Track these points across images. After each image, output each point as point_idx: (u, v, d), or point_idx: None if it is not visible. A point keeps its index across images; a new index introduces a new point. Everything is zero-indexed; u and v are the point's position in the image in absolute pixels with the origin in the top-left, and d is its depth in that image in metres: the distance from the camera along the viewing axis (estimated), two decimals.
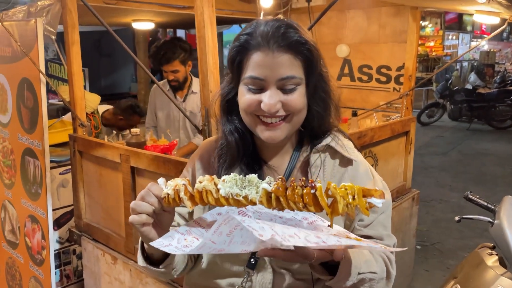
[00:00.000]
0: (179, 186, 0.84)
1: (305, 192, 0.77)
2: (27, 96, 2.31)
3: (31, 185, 2.40)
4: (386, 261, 1.02)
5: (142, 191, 0.88)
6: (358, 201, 0.76)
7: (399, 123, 2.75)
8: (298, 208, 0.78)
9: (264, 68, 0.92)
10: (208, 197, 0.83)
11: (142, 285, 1.97)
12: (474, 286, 1.56)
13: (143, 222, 0.87)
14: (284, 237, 0.73)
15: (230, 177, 0.83)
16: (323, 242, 0.74)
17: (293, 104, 0.94)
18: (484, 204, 1.71)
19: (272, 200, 0.79)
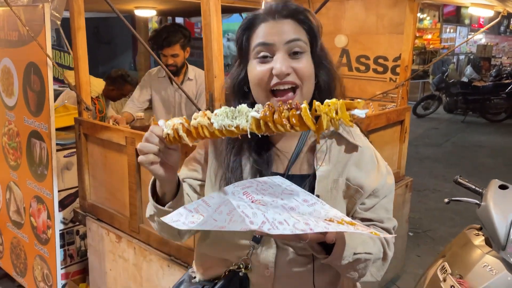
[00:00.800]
0: (177, 125, 0.91)
1: (290, 114, 0.83)
2: (34, 80, 2.37)
3: (37, 166, 2.47)
4: (384, 242, 1.07)
5: (146, 134, 0.94)
6: (341, 115, 0.80)
7: (395, 112, 2.83)
8: (286, 129, 0.83)
9: (271, 34, 0.99)
10: (204, 131, 0.90)
11: (146, 262, 2.06)
12: (461, 263, 1.66)
13: (150, 161, 0.93)
14: (274, 224, 0.78)
15: (221, 110, 0.89)
16: (310, 229, 0.78)
17: (304, 70, 0.99)
18: (472, 187, 1.81)
19: (262, 126, 0.85)
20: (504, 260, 1.60)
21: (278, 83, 0.99)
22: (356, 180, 1.06)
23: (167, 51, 2.90)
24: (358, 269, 1.00)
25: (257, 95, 1.03)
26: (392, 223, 1.11)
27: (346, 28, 3.30)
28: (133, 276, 2.16)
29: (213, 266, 1.14)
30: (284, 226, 0.78)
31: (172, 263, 1.93)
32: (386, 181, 1.10)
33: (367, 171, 1.08)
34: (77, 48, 2.30)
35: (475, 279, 1.59)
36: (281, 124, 0.83)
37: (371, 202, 1.08)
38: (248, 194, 0.95)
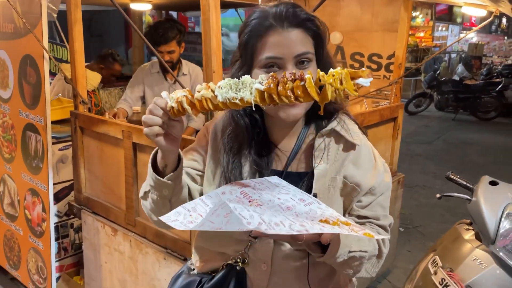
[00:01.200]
0: (181, 98, 0.92)
1: (295, 85, 0.83)
2: (30, 72, 2.36)
3: (32, 159, 2.47)
4: (379, 240, 1.09)
5: (150, 106, 0.95)
6: (346, 85, 0.80)
7: (388, 109, 2.87)
8: (290, 100, 0.84)
9: (280, 47, 0.98)
10: (208, 104, 0.90)
11: (142, 255, 2.08)
12: (451, 257, 1.71)
13: (155, 133, 0.95)
14: (270, 225, 0.80)
15: (224, 82, 0.89)
16: (306, 230, 0.80)
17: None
18: (463, 183, 1.85)
19: (266, 98, 0.85)
20: (493, 254, 1.65)
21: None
22: (353, 178, 1.07)
23: (164, 48, 2.87)
24: (353, 266, 1.03)
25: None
26: (388, 220, 1.13)
27: (341, 25, 3.33)
28: (129, 269, 2.18)
29: (211, 259, 1.16)
30: (280, 227, 0.80)
31: (168, 255, 1.95)
32: (383, 179, 1.11)
33: (365, 169, 1.09)
34: (74, 41, 2.30)
35: (465, 272, 1.64)
36: (285, 95, 0.83)
37: (367, 200, 1.09)
38: (246, 193, 0.97)
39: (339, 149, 1.08)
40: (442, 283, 1.62)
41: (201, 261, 1.19)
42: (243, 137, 1.06)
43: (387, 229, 1.13)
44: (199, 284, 1.15)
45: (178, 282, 1.20)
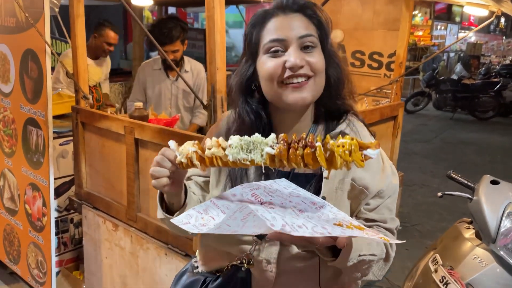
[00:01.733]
0: (191, 154, 0.92)
1: (305, 153, 0.84)
2: (31, 67, 2.36)
3: (32, 154, 2.46)
4: (387, 243, 1.08)
5: (157, 158, 0.96)
6: (353, 156, 0.82)
7: (388, 107, 2.88)
8: (298, 166, 0.85)
9: (283, 29, 1.00)
10: (218, 161, 0.91)
11: (143, 250, 2.08)
12: (452, 255, 1.72)
13: (163, 185, 0.96)
14: (293, 227, 0.79)
15: (236, 142, 0.89)
16: (328, 232, 0.80)
17: (317, 64, 1.00)
18: (464, 182, 1.86)
19: (276, 162, 0.86)
20: (494, 252, 1.66)
21: (291, 75, 0.99)
22: (361, 181, 1.06)
23: (169, 47, 2.85)
24: (362, 270, 1.02)
25: (268, 90, 1.03)
26: (395, 223, 1.12)
27: (343, 23, 3.33)
28: (130, 265, 2.19)
29: (215, 258, 1.16)
30: (304, 230, 0.80)
31: (169, 251, 1.95)
32: (391, 181, 1.10)
33: (373, 172, 1.08)
34: (76, 36, 2.30)
35: (465, 270, 1.65)
36: (295, 162, 0.85)
37: (375, 203, 1.08)
38: (257, 196, 0.97)
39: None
40: (443, 281, 1.64)
41: (206, 260, 1.19)
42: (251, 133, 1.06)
43: (394, 232, 1.13)
44: (203, 283, 1.14)
45: (182, 281, 1.20)
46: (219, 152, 0.90)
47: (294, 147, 0.85)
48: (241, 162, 0.89)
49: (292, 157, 0.85)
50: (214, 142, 0.91)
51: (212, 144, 0.91)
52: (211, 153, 0.90)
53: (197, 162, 0.92)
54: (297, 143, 0.85)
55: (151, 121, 2.18)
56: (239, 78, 1.09)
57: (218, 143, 0.91)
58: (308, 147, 0.84)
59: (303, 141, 0.85)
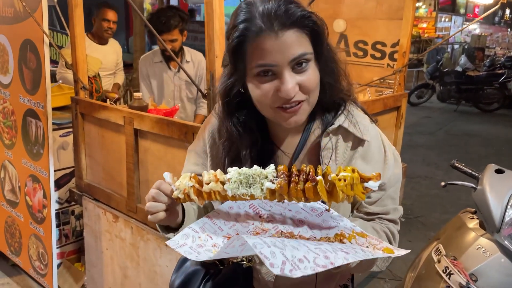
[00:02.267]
0: (188, 189, 0.90)
1: (306, 187, 0.83)
2: (30, 57, 2.34)
3: (32, 145, 2.45)
4: (389, 236, 1.05)
5: (153, 192, 0.93)
6: (355, 189, 0.82)
7: (391, 98, 2.84)
8: (299, 200, 0.85)
9: (273, 53, 0.88)
10: (216, 196, 0.89)
11: (144, 241, 2.07)
12: (455, 245, 1.70)
13: (160, 219, 0.94)
14: (294, 263, 0.75)
15: (235, 176, 0.87)
16: (330, 263, 0.76)
17: (309, 84, 0.92)
18: (468, 171, 1.83)
19: (276, 196, 0.86)
20: (498, 242, 1.63)
21: (285, 103, 0.92)
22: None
23: (166, 36, 2.81)
24: (366, 266, 1.00)
25: (262, 110, 0.97)
26: (398, 213, 1.08)
27: (345, 13, 3.28)
28: (130, 256, 2.18)
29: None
30: (305, 264, 0.75)
31: None
32: (394, 171, 1.06)
33: (374, 164, 1.03)
34: (74, 26, 2.27)
35: (469, 260, 1.62)
36: (296, 197, 0.84)
37: (377, 196, 1.04)
38: (255, 207, 0.96)
39: (347, 148, 1.02)
40: (446, 271, 1.61)
41: None
42: (241, 145, 1.01)
43: (397, 222, 1.09)
44: (205, 276, 1.12)
45: (184, 267, 1.18)
46: (217, 187, 0.89)
47: (294, 181, 0.84)
48: (240, 196, 0.88)
49: (293, 192, 0.84)
50: (212, 177, 0.89)
51: (210, 179, 0.89)
52: (209, 188, 0.89)
53: (195, 197, 0.90)
54: (297, 176, 0.84)
55: (151, 112, 2.16)
56: (224, 91, 0.99)
57: (216, 177, 0.89)
58: (309, 181, 0.83)
59: (304, 175, 0.84)
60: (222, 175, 0.89)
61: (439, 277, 1.64)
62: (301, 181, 0.83)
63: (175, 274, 1.19)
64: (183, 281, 1.15)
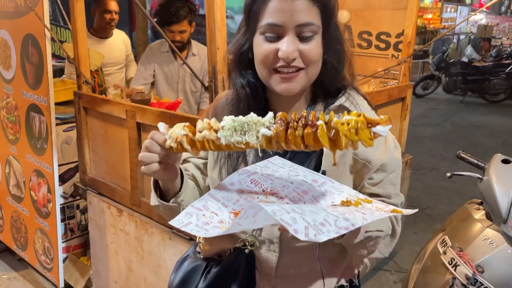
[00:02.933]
0: (181, 137, 0.86)
1: (306, 133, 0.76)
2: (32, 52, 2.33)
3: (36, 140, 2.45)
4: (393, 219, 1.05)
5: (146, 142, 0.91)
6: (361, 134, 0.73)
7: (396, 89, 2.81)
8: (299, 148, 0.78)
9: (282, 14, 0.91)
10: (210, 145, 0.85)
11: (148, 235, 2.07)
12: (461, 237, 1.68)
13: (154, 171, 0.91)
14: (317, 227, 0.71)
15: (228, 123, 0.82)
16: (352, 225, 0.73)
17: (311, 54, 0.94)
18: (474, 162, 1.81)
19: (273, 144, 0.80)
20: (505, 233, 1.61)
21: (283, 65, 0.94)
22: (363, 154, 1.01)
23: (175, 27, 2.79)
24: (368, 247, 0.99)
25: (260, 72, 0.99)
26: (399, 199, 1.08)
27: (349, 3, 3.25)
28: (135, 249, 2.18)
29: (218, 241, 1.11)
30: (327, 228, 0.72)
31: (173, 236, 1.93)
32: (394, 155, 1.06)
33: (375, 145, 1.02)
34: (76, 20, 2.26)
35: (475, 252, 1.61)
36: (294, 143, 0.78)
37: (378, 177, 1.04)
38: (257, 182, 0.93)
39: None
40: (452, 263, 1.60)
41: (208, 243, 1.16)
42: (245, 106, 1.02)
43: (399, 207, 1.08)
44: (206, 268, 1.12)
45: (183, 266, 1.17)
46: (210, 135, 0.84)
47: (293, 127, 0.77)
48: (235, 145, 0.82)
49: (291, 138, 0.77)
50: (206, 124, 0.85)
51: (203, 127, 0.85)
52: (202, 136, 0.84)
53: (188, 146, 0.86)
54: (296, 122, 0.78)
55: (153, 105, 2.15)
56: (235, 49, 1.03)
57: (210, 125, 0.85)
58: (309, 127, 0.76)
59: (303, 120, 0.77)
60: (217, 123, 0.84)
61: (445, 268, 1.62)
62: (299, 127, 0.76)
63: (174, 274, 1.18)
64: (182, 279, 1.14)
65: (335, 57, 0.99)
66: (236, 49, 1.03)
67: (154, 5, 11.42)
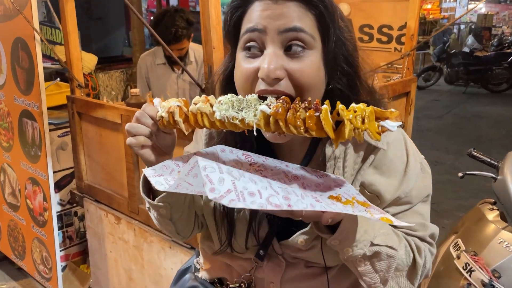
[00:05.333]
0: (173, 108, 0.79)
1: (308, 115, 0.69)
2: (22, 56, 2.25)
3: (30, 147, 2.37)
4: (412, 246, 0.87)
5: (137, 113, 0.82)
6: (368, 125, 0.66)
7: (400, 83, 2.73)
8: (299, 132, 0.70)
9: (264, 17, 0.74)
10: (204, 120, 0.77)
11: (147, 243, 1.99)
12: (475, 239, 1.60)
13: (140, 144, 0.81)
14: (241, 195, 0.65)
15: (226, 98, 0.75)
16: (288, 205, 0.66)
17: (302, 75, 0.74)
18: (487, 160, 1.72)
19: (271, 124, 0.71)
20: None
21: (264, 90, 0.75)
22: (373, 187, 0.86)
23: (175, 46, 2.68)
24: (379, 270, 0.81)
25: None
26: (427, 231, 0.90)
27: None
28: (134, 258, 2.10)
29: (216, 267, 1.03)
30: (254, 199, 0.65)
31: (173, 244, 1.86)
32: (417, 184, 0.88)
33: (391, 175, 0.86)
34: (67, 22, 2.17)
35: (490, 255, 1.53)
36: (294, 125, 0.69)
37: (393, 211, 0.88)
38: (248, 155, 0.85)
39: (358, 158, 0.86)
40: (466, 268, 1.52)
41: (207, 264, 1.07)
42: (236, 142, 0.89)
43: (429, 241, 0.91)
44: None
45: (183, 281, 1.09)
46: (205, 108, 0.77)
47: (295, 107, 0.70)
48: (229, 121, 0.74)
49: (291, 118, 0.69)
50: (202, 98, 0.78)
51: (199, 99, 0.78)
52: (197, 108, 0.77)
53: (180, 119, 0.78)
54: (299, 105, 0.71)
55: None
56: (221, 73, 0.89)
57: (207, 98, 0.78)
58: (312, 110, 0.69)
59: (307, 103, 0.70)
60: (214, 99, 0.78)
61: (459, 274, 1.54)
62: (302, 108, 0.70)
63: (173, 286, 1.11)
64: None
65: (344, 81, 0.80)
66: (222, 74, 0.88)
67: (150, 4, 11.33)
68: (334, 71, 0.80)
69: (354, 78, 0.81)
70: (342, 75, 0.80)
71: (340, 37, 0.80)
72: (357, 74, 0.82)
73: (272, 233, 0.91)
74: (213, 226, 0.95)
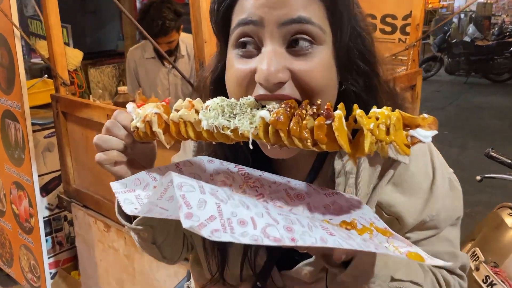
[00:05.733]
0: (150, 116, 0.64)
1: (317, 124, 0.54)
2: (2, 53, 2.10)
3: (13, 149, 2.23)
4: (440, 281, 0.75)
5: (107, 122, 0.67)
6: (394, 135, 0.52)
7: (405, 76, 2.59)
8: (305, 146, 0.56)
9: (259, 6, 0.58)
10: (188, 130, 0.62)
11: (139, 253, 1.86)
12: (494, 248, 1.47)
13: (113, 161, 0.67)
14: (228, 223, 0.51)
15: (215, 103, 0.61)
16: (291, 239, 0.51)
17: (311, 76, 0.59)
18: (507, 161, 1.59)
19: (270, 135, 0.57)
20: None
21: (263, 96, 0.60)
22: (391, 208, 0.71)
23: (163, 39, 2.50)
24: None
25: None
26: (457, 261, 0.76)
27: None
28: (125, 268, 1.97)
29: None
30: (245, 229, 0.50)
31: None
32: (446, 203, 0.74)
33: (412, 193, 0.72)
34: (48, 16, 2.02)
35: None
36: (299, 137, 0.55)
37: (417, 236, 0.73)
38: (241, 168, 0.70)
39: (374, 173, 0.71)
40: (487, 281, 1.39)
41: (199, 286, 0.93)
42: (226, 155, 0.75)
43: (457, 272, 0.77)
44: None
45: None
46: (189, 116, 0.61)
47: (300, 114, 0.55)
48: (219, 132, 0.59)
49: (295, 128, 0.54)
50: (186, 102, 0.62)
51: (183, 105, 0.63)
52: (179, 116, 0.62)
53: (159, 130, 0.64)
54: (305, 110, 0.56)
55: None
56: (209, 77, 0.74)
57: (192, 103, 0.62)
58: (322, 117, 0.54)
59: (315, 108, 0.56)
60: (201, 103, 0.63)
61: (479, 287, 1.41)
62: (309, 115, 0.55)
63: None
64: None
65: (359, 82, 0.66)
66: (210, 77, 0.73)
67: None
68: (348, 70, 0.65)
69: (372, 78, 0.67)
70: (357, 74, 0.66)
71: (356, 28, 0.65)
72: (375, 73, 0.67)
73: (272, 262, 0.76)
74: (202, 253, 0.81)
